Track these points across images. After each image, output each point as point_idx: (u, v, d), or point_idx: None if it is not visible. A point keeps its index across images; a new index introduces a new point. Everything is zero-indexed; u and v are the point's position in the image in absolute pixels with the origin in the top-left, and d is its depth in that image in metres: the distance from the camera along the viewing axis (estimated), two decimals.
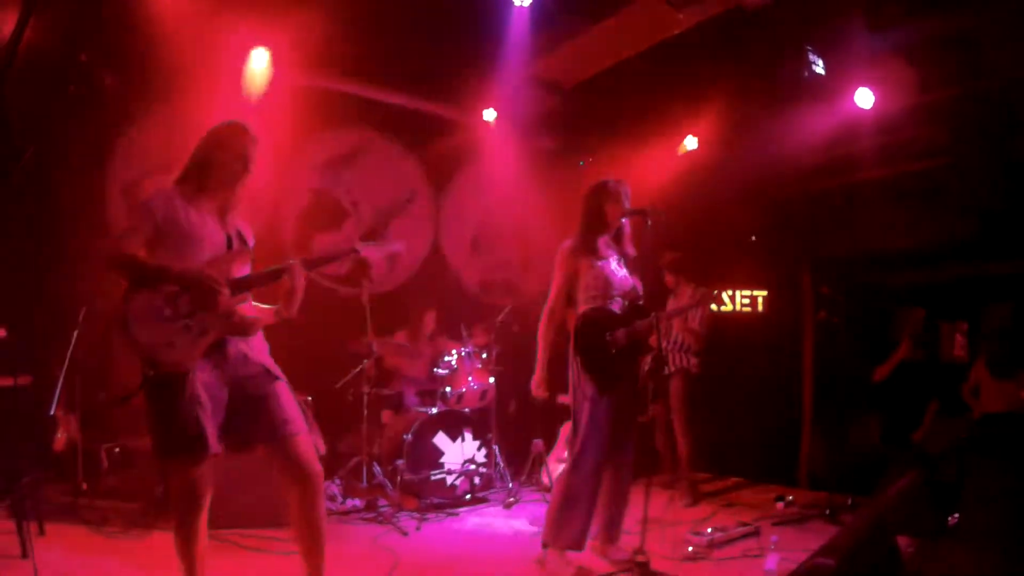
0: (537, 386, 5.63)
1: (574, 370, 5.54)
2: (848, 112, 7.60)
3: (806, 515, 6.81)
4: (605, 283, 5.50)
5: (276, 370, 4.19)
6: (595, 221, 5.58)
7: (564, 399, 5.78)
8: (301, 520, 4.15)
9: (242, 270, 4.16)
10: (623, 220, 5.63)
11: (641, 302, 5.65)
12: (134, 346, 3.82)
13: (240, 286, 4.05)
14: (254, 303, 4.25)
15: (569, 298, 5.61)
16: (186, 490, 3.93)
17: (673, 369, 7.63)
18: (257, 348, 4.19)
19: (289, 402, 4.15)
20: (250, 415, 4.05)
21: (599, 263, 5.53)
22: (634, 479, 5.73)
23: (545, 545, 5.56)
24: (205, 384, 3.88)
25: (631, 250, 5.75)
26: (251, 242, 4.34)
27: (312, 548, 4.20)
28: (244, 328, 4.07)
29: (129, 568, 5.10)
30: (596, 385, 5.40)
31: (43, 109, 6.63)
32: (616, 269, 5.60)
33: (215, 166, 4.14)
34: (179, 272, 3.88)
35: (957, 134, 7.10)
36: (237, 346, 4.06)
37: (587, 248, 5.56)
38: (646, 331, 5.53)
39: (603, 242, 5.61)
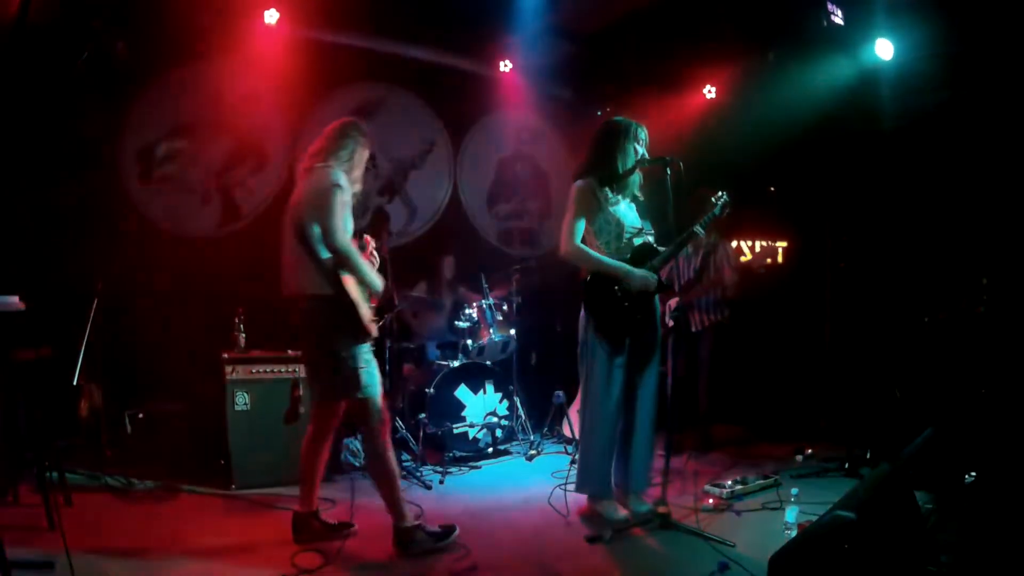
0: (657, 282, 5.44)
1: (585, 325, 5.55)
2: (868, 63, 7.55)
3: (825, 468, 6.83)
4: (617, 224, 5.46)
5: None
6: (611, 160, 5.49)
7: None
8: (322, 462, 5.07)
9: None
10: (639, 159, 5.51)
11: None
12: (363, 321, 4.75)
13: None
14: None
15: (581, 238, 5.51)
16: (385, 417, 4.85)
17: (707, 325, 7.63)
18: None
19: None
20: None
21: (612, 204, 5.49)
22: (656, 431, 5.76)
23: (579, 491, 5.72)
24: None
25: (639, 194, 5.70)
26: None
27: (318, 484, 5.06)
28: None
29: (157, 532, 5.15)
30: (611, 339, 5.41)
31: (57, 77, 6.63)
32: (627, 211, 5.57)
33: (360, 162, 4.98)
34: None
35: (980, 87, 7.01)
36: None
37: (602, 186, 5.49)
38: (658, 267, 5.49)
39: (616, 183, 5.54)
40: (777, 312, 8.69)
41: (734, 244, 8.95)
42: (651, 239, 5.57)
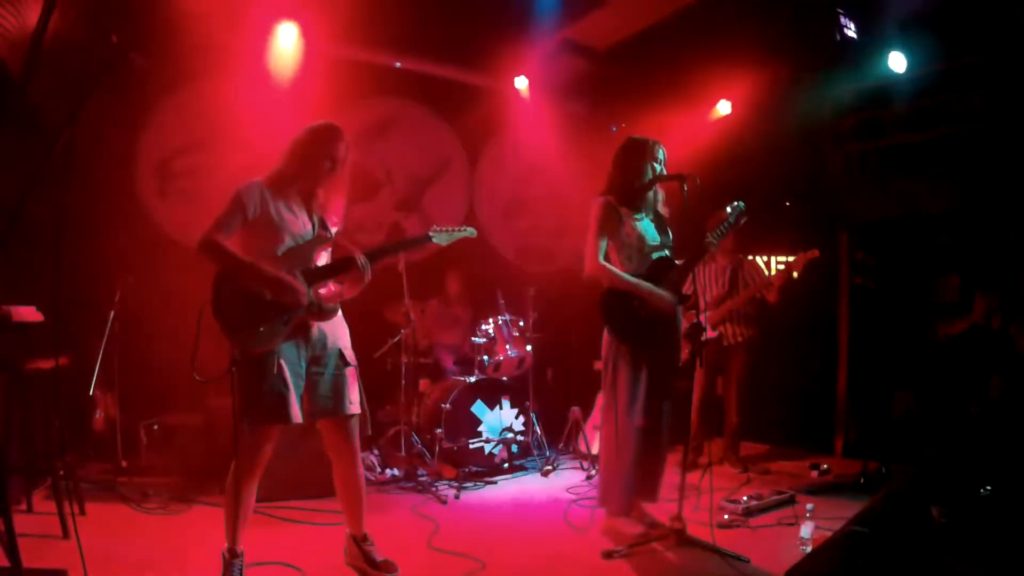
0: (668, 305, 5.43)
1: (609, 340, 5.54)
2: (881, 75, 7.56)
3: (841, 483, 6.81)
4: (639, 239, 5.46)
5: (350, 355, 4.64)
6: (631, 177, 5.50)
7: (599, 365, 5.76)
8: (343, 484, 4.72)
9: (323, 255, 4.62)
10: (658, 176, 5.51)
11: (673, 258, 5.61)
12: (225, 329, 4.29)
13: (315, 276, 4.46)
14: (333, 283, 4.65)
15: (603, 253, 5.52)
16: (253, 453, 4.37)
17: (740, 340, 7.64)
18: (336, 332, 4.63)
19: (354, 386, 4.63)
20: (321, 391, 4.51)
21: (634, 219, 5.49)
22: (670, 446, 5.75)
23: (601, 507, 5.70)
24: (288, 360, 4.34)
25: (664, 210, 5.70)
26: (334, 228, 4.71)
27: (353, 504, 4.75)
28: (322, 314, 4.48)
29: (171, 543, 5.19)
30: (631, 352, 5.40)
31: (76, 92, 6.69)
32: (649, 228, 5.56)
33: (305, 163, 4.53)
34: (265, 273, 4.28)
35: (990, 99, 7.00)
36: (320, 328, 4.51)
37: (623, 203, 5.50)
38: (678, 281, 5.52)
39: (638, 198, 5.54)
40: (793, 326, 8.65)
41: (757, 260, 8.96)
42: (668, 252, 5.57)
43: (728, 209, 5.70)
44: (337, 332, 4.62)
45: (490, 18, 7.95)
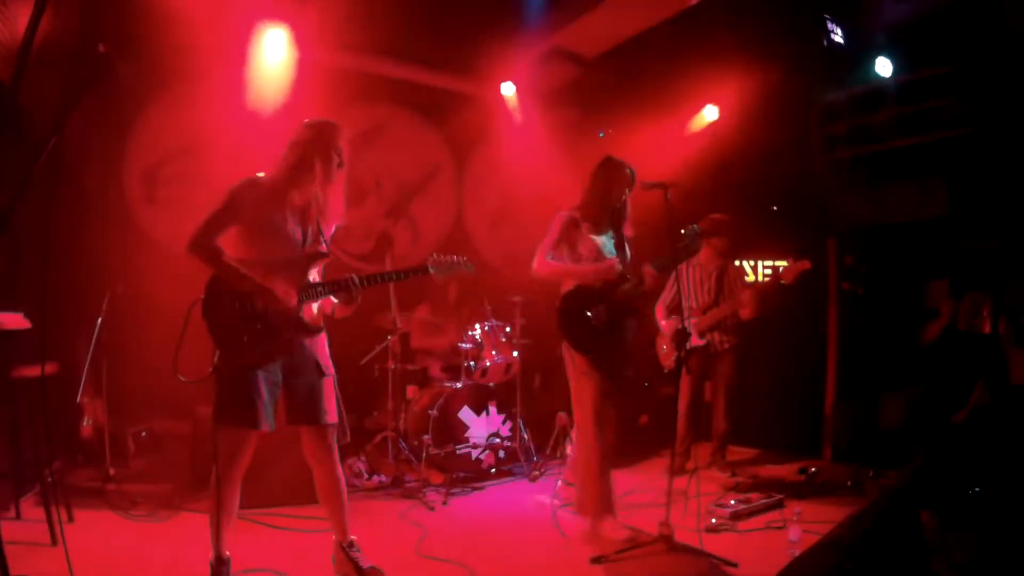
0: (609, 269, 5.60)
1: (567, 351, 5.68)
2: (869, 81, 7.59)
3: (830, 487, 6.82)
4: (598, 253, 5.60)
5: (326, 365, 4.59)
6: (597, 196, 5.68)
7: None
8: (324, 490, 4.68)
9: (315, 271, 4.56)
10: (625, 200, 5.70)
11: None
12: (212, 335, 4.30)
13: (309, 293, 4.44)
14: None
15: None
16: (229, 457, 4.36)
17: (727, 347, 7.62)
18: (314, 342, 4.57)
19: (330, 396, 4.57)
20: (296, 399, 4.48)
21: (594, 236, 5.64)
22: (658, 450, 5.77)
23: (580, 513, 5.75)
24: (265, 368, 4.34)
25: (629, 231, 5.84)
26: (328, 235, 4.67)
27: (336, 511, 4.70)
28: (308, 331, 4.49)
29: (159, 550, 5.17)
30: (588, 360, 5.55)
31: (62, 99, 6.69)
32: (607, 244, 5.69)
33: (313, 161, 4.47)
34: (259, 286, 4.28)
35: (980, 105, 7.04)
36: (299, 340, 4.47)
37: (585, 219, 5.66)
38: (628, 296, 5.66)
39: (602, 217, 5.69)
40: (781, 331, 8.66)
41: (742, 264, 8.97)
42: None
43: (683, 231, 5.75)
44: (315, 342, 4.57)
45: (478, 25, 7.96)
